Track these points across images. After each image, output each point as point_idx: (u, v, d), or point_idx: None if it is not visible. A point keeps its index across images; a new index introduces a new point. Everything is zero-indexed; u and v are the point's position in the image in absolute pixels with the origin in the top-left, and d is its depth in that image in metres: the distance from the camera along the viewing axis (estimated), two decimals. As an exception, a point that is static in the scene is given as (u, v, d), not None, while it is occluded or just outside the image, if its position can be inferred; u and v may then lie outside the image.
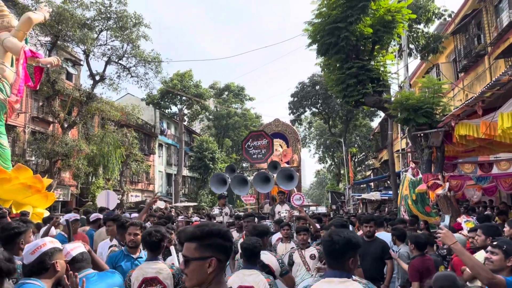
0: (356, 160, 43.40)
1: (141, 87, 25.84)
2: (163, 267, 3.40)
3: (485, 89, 5.81)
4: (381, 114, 27.90)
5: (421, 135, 8.74)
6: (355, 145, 41.84)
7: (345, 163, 35.26)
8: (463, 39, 15.41)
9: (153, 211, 8.81)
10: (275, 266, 4.07)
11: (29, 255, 2.48)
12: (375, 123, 38.40)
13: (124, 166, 24.38)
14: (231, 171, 11.00)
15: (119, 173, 23.39)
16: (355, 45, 9.86)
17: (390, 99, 10.07)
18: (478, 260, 2.92)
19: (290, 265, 4.96)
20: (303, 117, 40.13)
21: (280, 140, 16.68)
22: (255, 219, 7.11)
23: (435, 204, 8.82)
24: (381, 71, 10.29)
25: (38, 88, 11.55)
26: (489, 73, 13.35)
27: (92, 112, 21.90)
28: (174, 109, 36.35)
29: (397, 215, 10.26)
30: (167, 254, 4.66)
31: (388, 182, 23.07)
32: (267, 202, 13.61)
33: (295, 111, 36.51)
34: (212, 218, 9.28)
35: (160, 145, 36.91)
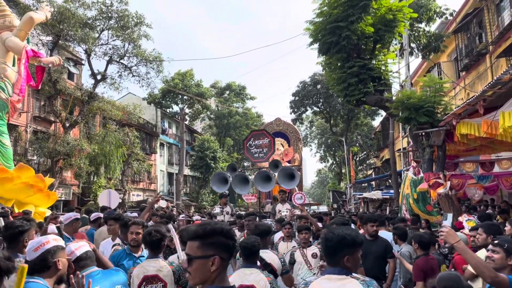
0: (358, 159, 43.40)
1: (142, 86, 26.04)
2: (163, 265, 3.45)
3: (486, 88, 5.81)
4: (383, 113, 27.87)
5: (423, 134, 8.74)
6: (357, 144, 41.83)
7: (347, 162, 35.26)
8: (464, 38, 15.39)
9: (154, 210, 8.82)
10: (277, 264, 4.09)
11: (32, 252, 2.49)
12: (376, 122, 38.43)
13: (125, 165, 24.42)
14: (232, 170, 11.01)
15: (120, 172, 23.43)
16: (356, 44, 9.86)
17: (392, 98, 10.07)
18: (481, 259, 2.90)
19: (292, 263, 4.98)
20: (304, 116, 40.13)
21: (281, 139, 16.70)
22: (256, 218, 7.13)
23: (436, 203, 8.81)
24: (382, 70, 10.29)
25: (40, 87, 11.58)
26: (491, 72, 13.34)
27: (94, 112, 21.95)
28: (176, 108, 36.40)
29: (398, 214, 10.27)
30: (168, 253, 4.68)
31: (390, 181, 23.07)
32: (268, 202, 13.62)
33: (296, 110, 36.50)
34: (213, 217, 9.29)
35: (162, 145, 36.95)
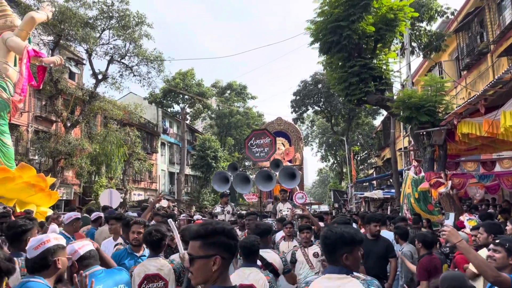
0: (359, 158, 43.38)
1: (143, 86, 26.18)
2: (164, 264, 3.48)
3: (487, 87, 5.81)
4: (384, 113, 27.84)
5: (424, 133, 8.74)
6: (358, 144, 41.80)
7: (348, 161, 35.24)
8: (465, 37, 15.37)
9: (156, 209, 8.84)
10: (278, 264, 4.10)
11: (32, 250, 2.49)
12: (377, 121, 38.38)
13: (126, 165, 24.45)
14: (233, 169, 10.99)
15: (121, 172, 23.46)
16: (357, 43, 9.85)
17: (393, 98, 10.07)
18: (484, 259, 2.90)
19: (293, 263, 4.98)
20: (305, 115, 40.13)
21: (282, 139, 16.71)
22: (257, 218, 7.13)
23: (437, 203, 8.81)
24: (383, 70, 10.29)
25: (41, 87, 11.60)
26: (492, 71, 13.32)
27: (95, 111, 21.98)
28: (177, 107, 36.41)
29: (399, 213, 10.27)
30: (169, 252, 4.69)
31: (391, 180, 23.06)
32: (270, 202, 13.62)
33: (297, 109, 36.49)
34: (214, 217, 9.30)
35: (163, 144, 36.98)
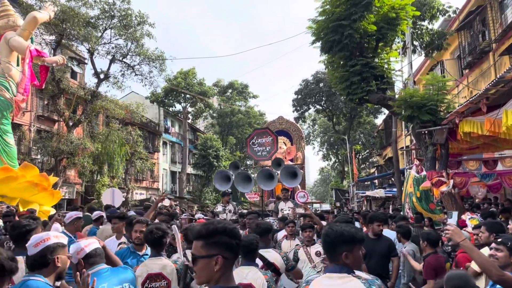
0: (360, 157, 43.34)
1: (145, 85, 26.09)
2: (167, 263, 3.46)
3: (489, 86, 5.82)
4: (385, 111, 27.82)
5: (425, 132, 8.74)
6: (359, 143, 41.77)
7: (349, 160, 35.22)
8: (467, 35, 15.34)
9: (158, 208, 8.86)
10: (279, 263, 4.11)
11: (32, 247, 2.51)
12: (379, 120, 38.34)
13: (128, 164, 24.50)
14: (234, 168, 10.98)
15: (123, 171, 23.50)
16: (359, 42, 9.84)
17: (394, 97, 10.07)
18: (488, 257, 2.89)
19: (295, 261, 4.99)
20: (307, 114, 40.11)
21: (284, 138, 16.72)
22: (258, 217, 7.13)
23: (439, 201, 8.82)
24: (385, 69, 10.28)
25: (43, 87, 11.64)
26: (494, 70, 13.29)
27: (97, 111, 22.01)
28: (178, 107, 36.45)
29: (401, 212, 10.27)
30: (171, 251, 4.70)
31: (392, 179, 23.06)
32: (272, 201, 13.63)
33: (299, 108, 36.47)
34: (216, 216, 9.31)
35: (165, 143, 37.03)
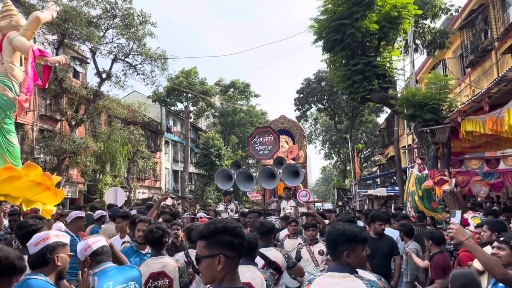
0: (362, 156, 43.30)
1: (147, 84, 26.17)
2: (169, 261, 3.48)
3: (491, 85, 5.81)
4: (387, 110, 27.76)
5: (428, 131, 8.73)
6: (361, 141, 41.73)
7: (351, 159, 35.19)
8: (470, 34, 15.31)
9: (160, 207, 8.89)
10: (281, 261, 4.12)
11: (33, 246, 2.52)
12: (381, 119, 38.29)
13: (131, 163, 24.55)
14: (236, 167, 11.00)
15: (126, 170, 23.55)
16: (361, 41, 9.83)
17: (396, 95, 10.06)
18: (491, 256, 2.89)
19: (298, 260, 5.01)
20: (308, 113, 40.13)
21: (286, 137, 16.71)
22: (259, 216, 7.14)
23: (441, 200, 8.81)
24: (387, 67, 10.26)
25: (46, 86, 11.68)
26: (496, 68, 13.27)
27: (99, 110, 22.08)
28: (180, 106, 36.49)
29: (403, 211, 10.27)
30: (174, 250, 4.72)
31: (394, 178, 23.01)
32: (274, 201, 13.66)
33: (300, 107, 36.45)
34: (218, 215, 9.33)
35: (167, 142, 37.09)
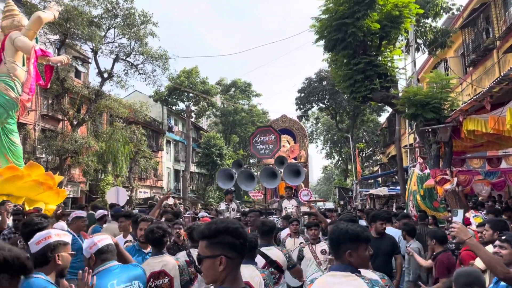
0: (364, 155, 43.29)
1: (148, 84, 26.18)
2: (169, 260, 3.50)
3: (493, 84, 5.81)
4: (389, 109, 27.75)
5: (429, 130, 8.73)
6: (363, 141, 41.71)
7: (353, 158, 35.20)
8: (471, 33, 15.29)
9: (162, 207, 8.92)
10: (282, 260, 4.13)
11: (34, 245, 2.52)
12: (382, 118, 38.27)
13: (132, 162, 24.59)
14: (238, 166, 11.00)
15: (127, 169, 23.59)
16: (362, 40, 9.83)
17: (398, 95, 10.05)
18: (494, 255, 2.90)
19: (300, 259, 5.02)
20: (310, 112, 40.03)
21: (287, 136, 16.73)
22: (260, 215, 7.15)
23: (443, 200, 8.81)
24: (388, 67, 10.26)
25: (48, 86, 11.72)
26: (498, 67, 13.26)
27: (101, 110, 22.11)
28: (182, 105, 36.47)
29: (405, 210, 10.27)
30: (176, 249, 4.73)
31: (396, 177, 23.02)
32: (276, 201, 13.70)
33: (302, 106, 36.42)
34: (219, 214, 9.35)
35: (168, 142, 37.13)
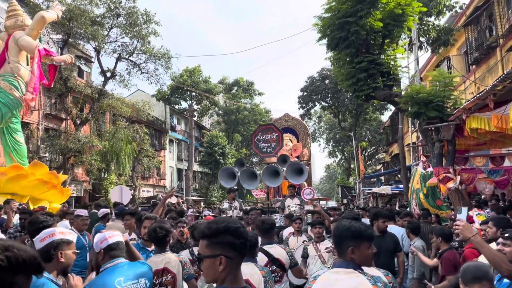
0: (366, 154, 43.25)
1: (151, 83, 26.19)
2: (171, 257, 3.56)
3: (496, 82, 5.80)
4: (391, 108, 27.72)
5: (432, 128, 8.72)
6: (365, 139, 41.67)
7: (355, 157, 35.16)
8: (474, 31, 15.24)
9: (166, 206, 8.96)
10: (284, 258, 4.13)
11: (39, 242, 2.55)
12: (385, 116, 38.23)
13: (135, 161, 24.66)
14: (240, 165, 11.00)
15: (130, 168, 23.66)
16: (365, 39, 9.83)
17: (401, 93, 10.04)
18: (498, 252, 2.89)
19: (305, 257, 5.04)
20: (312, 111, 40.04)
21: (290, 135, 16.73)
22: (261, 213, 7.17)
23: (446, 198, 8.80)
24: (391, 65, 10.25)
25: (52, 85, 11.77)
26: (501, 66, 13.21)
27: (104, 109, 22.18)
28: (184, 104, 36.54)
29: (407, 208, 10.27)
30: (179, 247, 4.76)
31: (399, 176, 22.99)
32: (279, 200, 13.72)
33: (304, 105, 36.44)
34: (222, 213, 9.38)
35: (171, 141, 37.19)
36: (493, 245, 3.52)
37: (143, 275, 2.90)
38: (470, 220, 6.29)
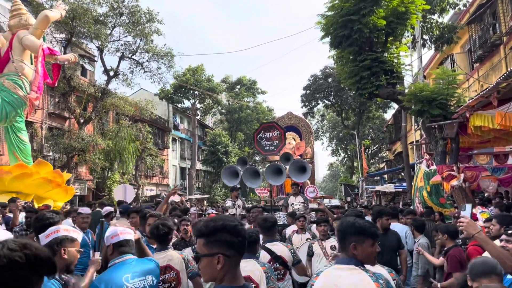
0: (370, 152, 43.19)
1: (154, 82, 26.27)
2: (174, 254, 3.56)
3: (500, 80, 5.79)
4: (395, 106, 27.66)
5: (436, 126, 8.72)
6: (369, 138, 41.59)
7: (359, 155, 35.12)
8: (478, 28, 15.19)
9: (170, 204, 8.98)
10: (287, 256, 4.14)
11: (44, 238, 2.57)
12: (388, 115, 38.12)
13: (139, 160, 24.72)
14: (243, 163, 10.99)
15: (134, 167, 23.73)
16: (368, 37, 9.82)
17: (404, 91, 10.04)
18: (503, 250, 2.88)
19: (310, 255, 5.04)
20: (315, 109, 40.04)
21: (293, 133, 16.73)
22: (262, 211, 7.18)
23: (449, 196, 8.80)
24: (394, 63, 10.25)
25: (56, 85, 11.82)
26: (505, 63, 13.16)
27: (107, 108, 22.22)
28: (187, 103, 36.60)
29: (411, 206, 10.26)
30: (183, 245, 4.77)
31: (402, 174, 22.97)
32: (282, 198, 13.73)
33: (307, 104, 36.41)
34: (225, 211, 9.39)
35: (174, 140, 37.25)
36: (496, 242, 3.52)
37: (150, 272, 2.92)
38: (473, 217, 6.29)
